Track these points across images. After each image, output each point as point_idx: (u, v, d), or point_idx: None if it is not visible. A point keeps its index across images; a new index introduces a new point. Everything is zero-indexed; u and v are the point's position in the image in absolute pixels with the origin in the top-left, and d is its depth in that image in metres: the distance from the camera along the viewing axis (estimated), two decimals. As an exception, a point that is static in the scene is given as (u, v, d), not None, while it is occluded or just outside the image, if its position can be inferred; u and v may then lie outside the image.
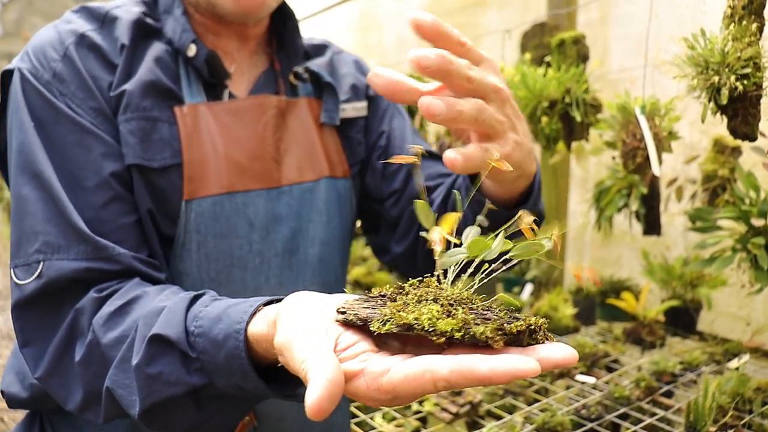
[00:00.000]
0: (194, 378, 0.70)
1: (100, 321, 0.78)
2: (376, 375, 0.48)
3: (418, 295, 0.52)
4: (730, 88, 1.02)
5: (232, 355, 0.66)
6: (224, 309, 0.69)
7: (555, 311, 2.07)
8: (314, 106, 1.11)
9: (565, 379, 1.69)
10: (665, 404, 1.51)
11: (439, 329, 0.48)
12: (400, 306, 0.51)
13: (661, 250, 2.22)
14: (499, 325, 0.48)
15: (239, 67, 1.06)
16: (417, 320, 0.48)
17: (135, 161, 0.90)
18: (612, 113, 1.40)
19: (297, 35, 1.10)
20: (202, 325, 0.70)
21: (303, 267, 1.05)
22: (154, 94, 0.93)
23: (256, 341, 0.65)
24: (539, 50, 1.94)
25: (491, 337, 0.48)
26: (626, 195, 1.82)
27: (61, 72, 0.89)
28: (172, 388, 0.70)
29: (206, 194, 0.95)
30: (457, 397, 1.51)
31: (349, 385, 0.49)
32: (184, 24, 0.98)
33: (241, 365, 0.66)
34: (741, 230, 1.46)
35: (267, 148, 1.02)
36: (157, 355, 0.71)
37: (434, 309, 0.49)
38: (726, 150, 1.70)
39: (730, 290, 1.99)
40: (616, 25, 2.43)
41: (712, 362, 1.73)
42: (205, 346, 0.69)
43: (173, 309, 0.73)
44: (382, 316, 0.50)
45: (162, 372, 0.71)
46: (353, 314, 0.52)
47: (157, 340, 0.71)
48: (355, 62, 1.22)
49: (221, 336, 0.67)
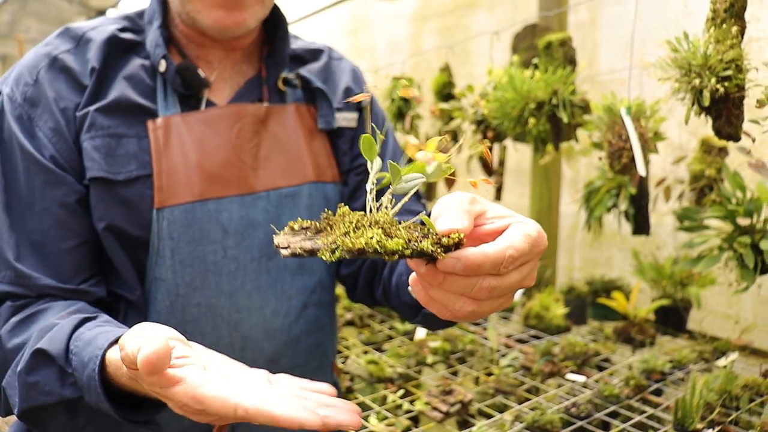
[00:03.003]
0: (67, 391, 0.78)
1: (9, 327, 0.88)
2: (193, 386, 0.59)
3: (354, 223, 0.56)
4: (711, 89, 1.04)
5: (90, 376, 0.73)
6: (97, 334, 0.77)
7: (546, 311, 2.09)
8: (304, 112, 1.12)
9: (556, 378, 1.70)
10: (654, 402, 1.53)
11: (389, 249, 0.53)
12: (342, 234, 0.55)
13: (651, 250, 2.23)
14: (437, 239, 0.55)
15: (221, 75, 1.07)
16: (367, 244, 0.53)
17: (99, 174, 0.95)
18: (598, 114, 1.41)
19: (285, 43, 1.11)
20: (78, 345, 0.78)
21: (281, 272, 1.07)
22: (122, 112, 0.98)
23: (114, 366, 0.71)
24: (530, 52, 1.95)
25: (434, 250, 0.54)
26: (615, 195, 1.84)
27: (32, 97, 0.96)
28: (46, 397, 0.79)
29: (177, 202, 0.99)
30: (448, 396, 1.52)
31: (170, 389, 0.60)
32: (158, 38, 1.01)
33: (95, 387, 0.73)
34: (728, 229, 1.48)
35: (241, 156, 1.04)
36: (37, 366, 0.79)
37: (378, 233, 0.54)
38: (713, 150, 1.72)
39: (719, 289, 2.01)
40: (605, 26, 2.44)
41: (701, 360, 1.74)
42: (76, 365, 0.76)
43: (62, 327, 0.81)
44: (329, 244, 0.54)
45: (39, 381, 0.79)
46: (298, 247, 0.54)
47: (39, 354, 0.79)
48: (352, 71, 1.23)
49: (86, 358, 0.75)
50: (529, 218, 0.62)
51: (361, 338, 2.09)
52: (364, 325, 2.27)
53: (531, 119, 1.58)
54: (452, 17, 3.18)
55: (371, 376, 1.74)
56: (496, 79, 1.70)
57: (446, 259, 0.55)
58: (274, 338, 1.07)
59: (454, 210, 0.58)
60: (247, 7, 0.99)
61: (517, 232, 0.59)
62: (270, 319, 1.06)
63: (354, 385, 1.74)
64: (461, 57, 2.59)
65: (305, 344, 1.12)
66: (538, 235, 0.60)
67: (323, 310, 1.15)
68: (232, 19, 0.98)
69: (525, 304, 2.19)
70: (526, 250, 0.58)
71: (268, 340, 1.06)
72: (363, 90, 1.23)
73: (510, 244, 0.57)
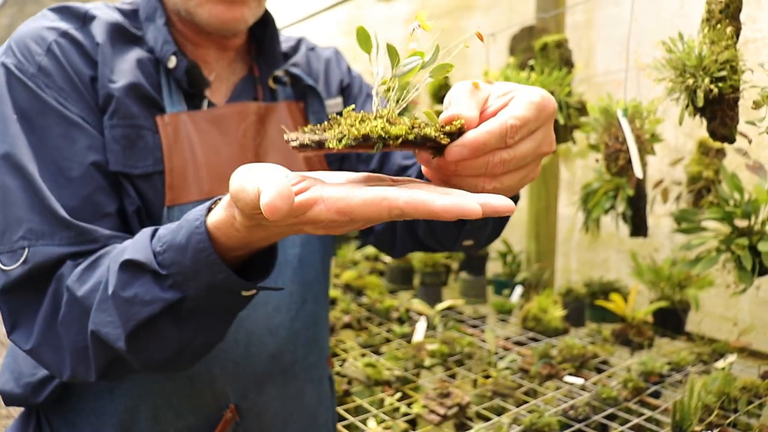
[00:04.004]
0: (168, 294, 0.73)
1: (74, 278, 0.81)
2: (335, 200, 0.53)
3: (360, 118, 0.57)
4: (705, 90, 1.03)
5: (196, 250, 0.69)
6: (181, 220, 0.73)
7: (545, 313, 2.08)
8: (294, 109, 1.13)
9: (554, 380, 1.69)
10: (652, 404, 1.52)
11: (393, 134, 0.54)
12: (348, 126, 0.55)
13: (649, 252, 2.23)
14: (440, 126, 0.57)
15: (218, 75, 1.08)
16: (372, 131, 0.53)
17: (117, 168, 0.92)
18: (595, 116, 1.41)
19: (276, 42, 1.12)
20: (166, 240, 0.73)
21: (283, 267, 1.07)
22: (140, 100, 0.95)
23: (216, 228, 0.67)
24: (528, 53, 1.95)
25: (438, 136, 0.55)
26: (613, 197, 1.84)
27: (47, 66, 0.91)
28: (149, 307, 0.73)
29: (187, 201, 0.97)
30: (446, 399, 1.51)
31: (311, 212, 0.54)
32: (166, 35, 1.00)
33: (207, 257, 0.69)
34: (725, 231, 1.47)
35: (247, 155, 1.04)
36: (130, 279, 0.74)
37: (380, 122, 0.54)
38: (710, 152, 1.72)
39: (717, 291, 2.00)
40: (601, 27, 2.44)
41: (700, 362, 1.74)
42: (172, 257, 0.72)
43: (138, 239, 0.77)
44: (336, 134, 0.54)
45: (137, 293, 0.74)
46: (307, 139, 0.55)
47: (128, 265, 0.74)
48: (329, 58, 1.23)
49: (184, 239, 0.70)
50: (534, 88, 0.63)
51: (358, 341, 2.09)
52: (361, 328, 2.27)
53: (527, 121, 1.58)
54: (448, 18, 3.18)
55: (369, 379, 1.73)
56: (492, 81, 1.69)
57: (452, 148, 0.57)
58: (277, 334, 1.07)
59: (460, 100, 0.59)
60: (246, 3, 0.99)
61: (520, 101, 0.60)
62: (272, 314, 1.06)
63: (351, 388, 1.73)
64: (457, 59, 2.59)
65: (304, 339, 1.12)
66: (542, 100, 0.61)
67: (319, 305, 1.15)
68: (231, 14, 0.98)
69: (523, 306, 2.19)
70: (530, 116, 0.60)
71: (270, 335, 1.06)
72: (346, 72, 1.23)
73: (510, 114, 0.58)
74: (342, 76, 1.22)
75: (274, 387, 1.08)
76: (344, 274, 2.72)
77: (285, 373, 1.09)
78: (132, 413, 0.97)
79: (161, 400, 0.98)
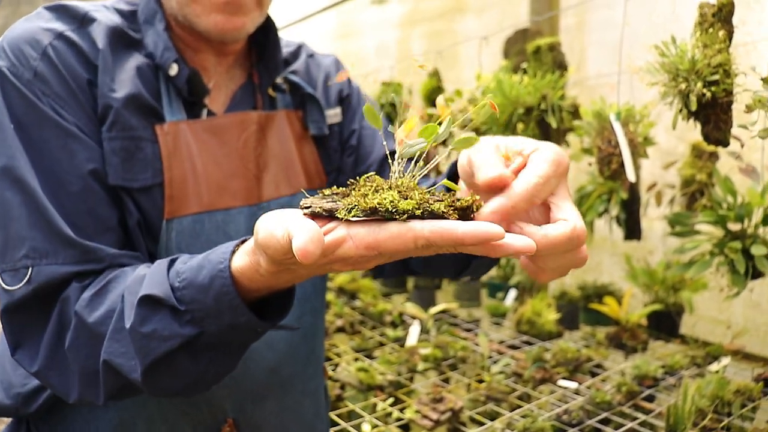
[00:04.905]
0: (186, 329, 0.73)
1: (83, 303, 0.79)
2: (362, 236, 0.55)
3: (374, 187, 0.59)
4: (698, 94, 1.03)
5: (220, 293, 0.70)
6: (203, 258, 0.73)
7: (539, 316, 2.08)
8: (293, 118, 1.10)
9: (548, 384, 1.69)
10: (646, 408, 1.52)
11: (401, 208, 0.55)
12: (360, 196, 0.57)
13: (643, 255, 2.23)
14: (450, 202, 0.57)
15: (216, 82, 1.05)
16: (380, 204, 0.55)
17: (116, 182, 0.89)
18: (588, 120, 1.40)
19: (278, 49, 1.09)
20: (186, 277, 0.73)
21: None
22: (139, 110, 0.92)
23: (241, 273, 0.69)
24: (521, 56, 1.95)
25: (446, 212, 0.56)
26: (606, 200, 1.83)
27: (42, 71, 0.87)
28: (167, 343, 0.73)
29: (186, 213, 0.95)
30: (439, 404, 1.50)
31: (340, 250, 0.56)
32: (166, 41, 0.96)
33: (230, 301, 0.70)
34: (719, 234, 1.47)
35: (247, 165, 1.01)
36: (148, 314, 0.74)
37: (392, 194, 0.56)
38: (704, 155, 1.72)
39: (710, 294, 2.00)
40: (593, 30, 2.44)
41: (694, 365, 1.73)
42: (192, 296, 0.72)
43: (155, 271, 0.76)
44: (347, 205, 0.56)
45: (156, 329, 0.74)
46: (318, 207, 0.57)
47: (147, 301, 0.74)
48: (328, 66, 1.21)
49: (207, 280, 0.71)
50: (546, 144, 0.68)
51: (351, 345, 2.08)
52: (354, 332, 2.26)
53: (520, 124, 1.57)
54: (441, 21, 3.18)
55: (361, 384, 1.72)
56: (485, 84, 1.69)
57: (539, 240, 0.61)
58: (275, 347, 1.05)
59: (490, 160, 0.63)
60: (247, 13, 0.97)
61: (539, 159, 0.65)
62: None
63: (344, 393, 1.72)
64: (449, 61, 2.58)
65: (302, 351, 1.11)
66: (558, 157, 0.66)
67: (316, 316, 1.14)
68: (232, 24, 0.95)
69: (517, 309, 2.18)
70: (551, 173, 0.65)
71: (269, 349, 1.04)
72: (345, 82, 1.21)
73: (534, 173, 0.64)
74: (341, 86, 1.19)
75: (273, 400, 1.06)
76: (337, 278, 2.71)
77: (283, 386, 1.08)
78: (127, 427, 0.95)
79: (157, 414, 0.96)
